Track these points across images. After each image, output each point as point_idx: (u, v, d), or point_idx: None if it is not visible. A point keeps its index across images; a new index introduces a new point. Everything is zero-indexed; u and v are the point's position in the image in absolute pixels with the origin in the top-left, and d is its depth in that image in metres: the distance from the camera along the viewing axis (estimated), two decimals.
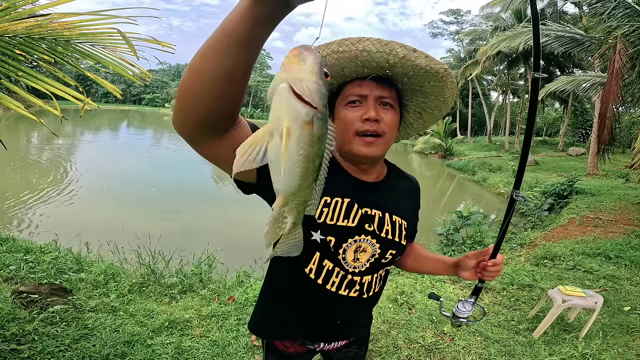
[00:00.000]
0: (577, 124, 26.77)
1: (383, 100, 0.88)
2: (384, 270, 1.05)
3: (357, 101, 0.87)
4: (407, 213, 1.04)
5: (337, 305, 0.98)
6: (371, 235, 0.95)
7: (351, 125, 0.87)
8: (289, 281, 0.99)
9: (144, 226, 5.83)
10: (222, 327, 2.81)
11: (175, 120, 0.59)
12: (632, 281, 4.12)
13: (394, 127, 0.90)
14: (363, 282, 0.98)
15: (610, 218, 7.12)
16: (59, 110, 1.62)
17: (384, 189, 1.00)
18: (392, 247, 0.98)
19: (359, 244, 0.94)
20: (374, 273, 1.00)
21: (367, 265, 0.97)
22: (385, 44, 0.80)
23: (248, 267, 4.06)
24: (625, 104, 8.73)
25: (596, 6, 8.57)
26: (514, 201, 1.01)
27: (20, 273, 3.27)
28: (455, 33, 37.14)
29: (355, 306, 1.01)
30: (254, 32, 0.48)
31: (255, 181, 0.79)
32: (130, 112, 44.51)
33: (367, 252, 0.95)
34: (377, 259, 0.97)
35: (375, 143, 0.87)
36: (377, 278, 1.02)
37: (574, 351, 2.75)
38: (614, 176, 12.11)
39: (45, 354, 2.17)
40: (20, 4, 1.52)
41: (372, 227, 0.95)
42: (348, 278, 0.96)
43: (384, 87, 0.87)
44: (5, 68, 1.53)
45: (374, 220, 0.95)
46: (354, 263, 0.95)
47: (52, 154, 13.86)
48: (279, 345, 1.09)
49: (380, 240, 0.96)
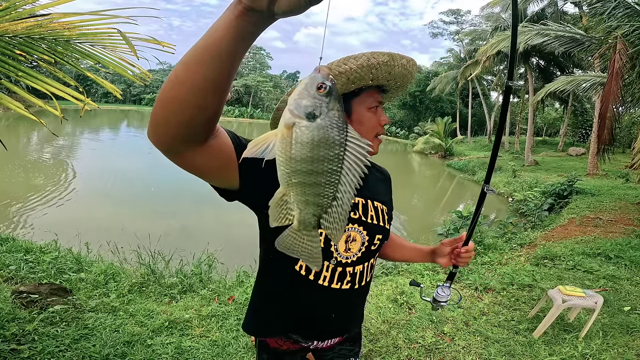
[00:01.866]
0: (577, 124, 26.77)
1: (381, 104, 1.02)
2: (374, 259, 1.08)
3: (376, 106, 1.00)
4: (385, 198, 1.11)
5: (330, 300, 1.00)
6: (357, 222, 0.99)
7: (373, 129, 0.99)
8: (280, 278, 0.99)
9: (144, 226, 5.83)
10: (222, 327, 2.81)
11: (153, 131, 0.58)
12: (632, 281, 4.12)
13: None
14: (355, 272, 1.01)
15: (610, 218, 7.12)
16: (59, 110, 1.62)
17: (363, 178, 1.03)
18: (378, 231, 1.03)
19: (348, 233, 0.97)
20: (365, 262, 1.03)
21: (359, 255, 1.00)
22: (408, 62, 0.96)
23: (248, 267, 4.06)
24: (625, 104, 8.73)
25: (596, 6, 8.57)
26: (485, 194, 1.16)
27: (20, 273, 3.26)
28: (455, 33, 37.13)
29: (348, 299, 1.03)
30: (238, 44, 0.50)
31: (237, 187, 0.77)
32: (130, 112, 44.49)
33: (357, 240, 0.99)
34: (367, 246, 1.01)
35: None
36: (367, 267, 1.04)
37: (574, 351, 2.75)
38: (614, 176, 12.11)
39: (45, 354, 2.17)
40: (20, 4, 1.52)
41: (357, 214, 0.99)
42: (339, 270, 0.97)
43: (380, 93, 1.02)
44: (5, 68, 1.53)
45: (358, 207, 1.00)
46: (345, 253, 0.98)
47: (52, 154, 13.86)
48: (271, 343, 1.07)
49: (366, 226, 1.00)
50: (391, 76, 0.96)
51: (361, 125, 0.98)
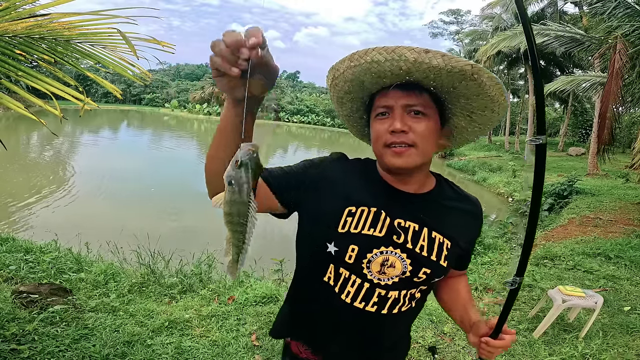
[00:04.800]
0: (577, 124, 26.74)
1: (412, 108, 0.83)
2: (417, 291, 0.93)
3: (384, 113, 0.85)
4: (453, 233, 0.92)
5: (349, 318, 0.91)
6: (400, 248, 0.87)
7: (380, 138, 0.86)
8: (308, 287, 0.97)
9: (144, 226, 5.83)
10: (222, 327, 2.81)
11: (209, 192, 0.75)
12: (632, 281, 4.12)
13: (428, 135, 0.85)
14: (386, 296, 0.89)
15: (610, 218, 7.11)
16: (59, 110, 1.62)
17: (427, 202, 0.93)
18: (426, 265, 0.88)
19: (386, 257, 0.87)
20: (403, 290, 0.90)
21: (396, 280, 0.88)
22: (392, 51, 0.77)
23: (248, 267, 4.06)
24: (625, 104, 8.73)
25: (596, 6, 8.56)
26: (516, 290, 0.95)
27: (20, 273, 3.26)
28: (455, 33, 37.15)
29: (372, 322, 0.91)
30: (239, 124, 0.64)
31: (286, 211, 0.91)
32: (130, 112, 44.51)
33: (396, 268, 0.87)
34: (408, 277, 0.88)
35: (405, 153, 0.84)
36: (405, 296, 0.91)
37: (574, 351, 2.75)
38: (614, 176, 12.10)
39: (45, 354, 2.17)
40: (20, 4, 1.51)
41: (401, 239, 0.88)
42: (366, 287, 0.88)
43: (412, 94, 0.83)
44: (5, 68, 1.53)
45: (407, 232, 0.88)
46: (379, 275, 0.88)
47: (52, 153, 13.86)
48: (293, 347, 1.04)
49: (411, 255, 0.88)
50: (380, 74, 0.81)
51: (374, 140, 0.88)
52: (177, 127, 33.98)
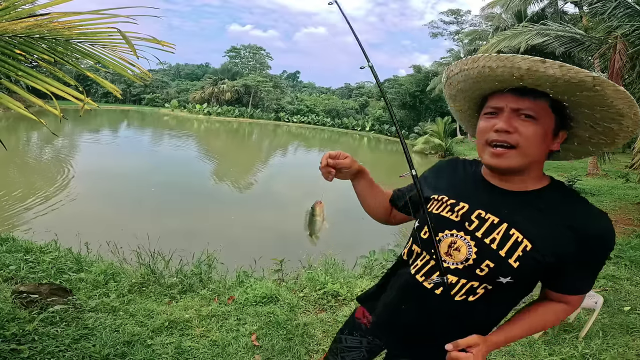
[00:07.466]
0: None
1: (522, 112, 0.85)
2: (480, 287, 0.90)
3: (493, 112, 0.90)
4: (536, 237, 0.86)
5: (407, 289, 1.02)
6: (470, 235, 0.91)
7: (483, 135, 0.91)
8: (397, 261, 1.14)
9: (144, 226, 5.83)
10: (222, 327, 2.81)
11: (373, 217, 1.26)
12: (632, 281, 4.12)
13: (533, 139, 0.85)
14: (447, 280, 0.92)
15: (610, 218, 7.11)
16: (59, 110, 1.62)
17: (519, 201, 0.92)
18: (491, 258, 0.88)
19: (454, 239, 0.93)
20: (463, 279, 0.91)
21: (459, 267, 0.91)
22: (504, 59, 0.81)
23: (248, 267, 4.06)
24: None
25: (596, 6, 8.56)
26: None
27: (20, 273, 3.26)
28: (455, 33, 37.14)
29: (424, 299, 0.96)
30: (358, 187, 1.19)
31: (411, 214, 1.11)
32: (130, 112, 44.45)
33: (461, 252, 0.91)
34: (470, 265, 0.90)
35: (505, 155, 0.87)
36: (464, 286, 0.91)
37: (574, 351, 2.74)
38: (614, 176, 12.10)
39: (45, 354, 2.17)
40: (19, 4, 1.51)
41: (472, 226, 0.91)
42: (431, 264, 0.97)
43: (525, 99, 0.84)
44: (5, 68, 1.53)
45: (483, 223, 0.90)
46: (445, 256, 0.94)
47: (52, 153, 13.86)
48: (357, 314, 1.21)
49: (479, 244, 0.89)
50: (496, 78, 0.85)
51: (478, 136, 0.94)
52: (177, 127, 33.97)
